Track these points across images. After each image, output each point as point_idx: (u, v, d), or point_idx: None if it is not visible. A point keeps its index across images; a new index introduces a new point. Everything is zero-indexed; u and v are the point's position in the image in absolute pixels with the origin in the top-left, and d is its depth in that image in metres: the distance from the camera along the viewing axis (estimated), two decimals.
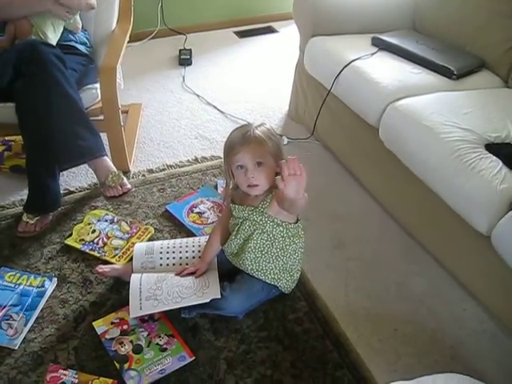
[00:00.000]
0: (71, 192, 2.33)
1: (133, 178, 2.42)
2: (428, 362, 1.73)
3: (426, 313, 1.89)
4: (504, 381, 1.66)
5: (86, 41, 2.38)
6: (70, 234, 2.08)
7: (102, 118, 2.27)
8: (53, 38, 2.18)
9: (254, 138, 1.57)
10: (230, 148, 1.61)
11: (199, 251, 1.90)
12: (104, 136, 2.29)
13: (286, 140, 2.72)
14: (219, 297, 1.68)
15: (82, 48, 2.32)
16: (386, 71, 2.27)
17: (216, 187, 2.39)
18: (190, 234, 2.11)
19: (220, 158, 2.59)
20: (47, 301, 1.82)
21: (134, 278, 1.77)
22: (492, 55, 2.37)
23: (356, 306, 1.90)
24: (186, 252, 1.91)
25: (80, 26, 2.31)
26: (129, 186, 2.29)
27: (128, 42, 2.44)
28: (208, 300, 1.67)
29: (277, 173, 1.56)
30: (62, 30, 2.23)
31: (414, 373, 1.66)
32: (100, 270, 1.87)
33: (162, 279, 1.76)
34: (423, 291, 1.97)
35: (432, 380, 1.24)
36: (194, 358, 1.64)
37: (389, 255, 2.12)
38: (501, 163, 1.78)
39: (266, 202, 1.65)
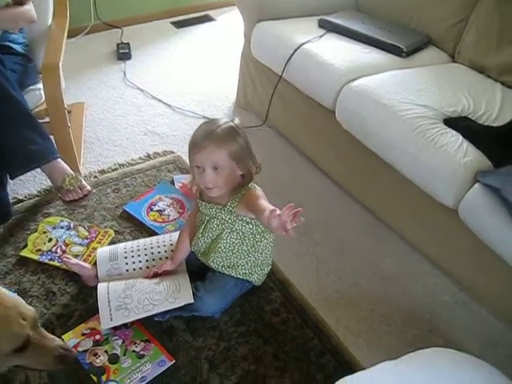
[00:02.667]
0: (20, 200, 2.19)
1: (84, 180, 2.30)
2: (408, 338, 1.75)
3: (399, 290, 1.91)
4: (480, 348, 1.69)
5: (23, 39, 2.24)
6: (25, 245, 1.96)
7: (47, 120, 2.16)
8: None
9: (214, 140, 1.49)
10: (191, 145, 1.55)
11: (165, 251, 1.84)
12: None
13: (237, 120, 2.67)
14: (192, 301, 1.62)
15: (18, 48, 2.19)
16: (336, 53, 2.26)
17: (173, 183, 2.31)
18: (152, 233, 2.03)
19: (173, 152, 2.52)
20: None
21: (101, 288, 1.69)
22: (437, 31, 2.42)
23: (330, 291, 1.90)
24: (152, 254, 1.83)
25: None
26: (88, 187, 2.16)
27: None
28: (181, 305, 1.62)
29: (242, 175, 1.56)
30: None
31: (397, 350, 1.65)
32: (65, 259, 1.80)
33: (131, 286, 1.68)
34: (393, 269, 1.99)
35: (416, 357, 1.24)
36: (174, 361, 1.58)
37: (355, 237, 2.12)
38: (461, 137, 1.80)
39: (235, 200, 1.59)
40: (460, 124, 1.87)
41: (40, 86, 2.14)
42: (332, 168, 2.38)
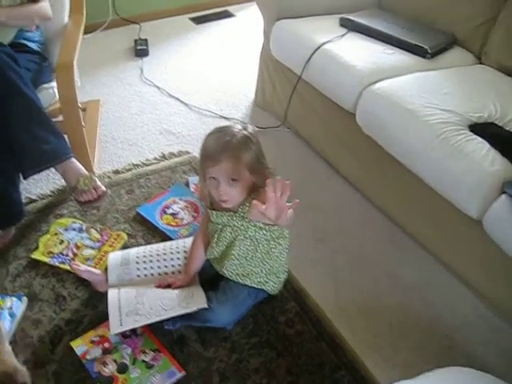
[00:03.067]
0: (33, 200, 2.16)
1: (98, 180, 2.26)
2: (426, 354, 1.68)
3: (419, 302, 1.84)
4: (507, 367, 1.61)
5: (39, 37, 2.20)
6: (37, 247, 1.93)
7: (60, 119, 2.12)
8: (4, 36, 2.01)
9: (230, 153, 1.43)
10: (205, 157, 1.48)
11: (178, 258, 1.79)
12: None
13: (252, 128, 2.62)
14: (206, 306, 1.58)
15: (33, 46, 2.14)
16: (358, 53, 2.19)
17: (187, 184, 2.26)
18: (165, 237, 1.99)
19: (188, 152, 2.47)
20: (19, 323, 1.68)
21: (112, 294, 1.65)
22: (463, 31, 2.33)
23: (347, 302, 1.83)
24: (165, 260, 1.79)
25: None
26: (103, 188, 2.10)
27: None
28: (194, 309, 1.57)
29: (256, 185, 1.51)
30: (15, 30, 2.06)
31: (414, 367, 1.63)
32: (74, 266, 1.76)
33: (143, 293, 1.64)
34: (414, 280, 1.92)
35: (433, 377, 1.20)
36: (184, 372, 1.54)
37: (374, 245, 2.05)
38: (487, 144, 1.72)
39: (246, 206, 1.53)
40: (486, 130, 1.79)
41: (54, 84, 2.11)
42: (351, 172, 2.31)
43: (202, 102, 2.90)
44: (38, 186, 2.25)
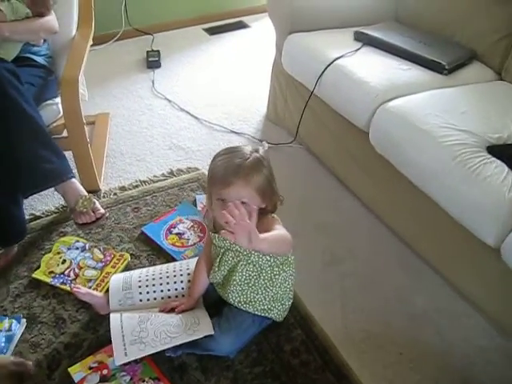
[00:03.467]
0: (37, 217, 2.12)
1: (104, 197, 2.22)
2: None
3: (431, 332, 1.75)
4: None
5: (46, 51, 2.17)
6: (39, 266, 1.89)
7: (65, 135, 2.08)
8: (11, 51, 1.98)
9: (242, 176, 1.38)
10: (214, 179, 1.43)
11: (182, 281, 1.73)
12: (69, 154, 2.09)
13: (266, 145, 2.55)
14: (212, 333, 1.52)
15: (39, 59, 2.11)
16: (373, 69, 2.11)
17: (195, 203, 2.21)
18: (169, 258, 1.93)
19: (197, 169, 2.42)
20: (16, 346, 1.63)
21: (114, 320, 1.58)
22: (482, 46, 2.24)
23: (355, 329, 1.75)
24: (168, 284, 1.72)
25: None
26: (102, 210, 2.08)
27: (91, 45, 2.26)
28: (201, 336, 1.51)
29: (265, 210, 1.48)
30: (21, 44, 2.04)
31: None
32: (75, 290, 1.71)
33: (146, 319, 1.57)
34: (426, 308, 1.83)
35: None
36: None
37: (386, 269, 1.97)
38: (506, 168, 1.64)
39: None
40: (505, 152, 1.70)
41: (58, 100, 2.07)
42: (364, 192, 2.23)
43: (213, 116, 2.85)
44: (43, 202, 2.22)
